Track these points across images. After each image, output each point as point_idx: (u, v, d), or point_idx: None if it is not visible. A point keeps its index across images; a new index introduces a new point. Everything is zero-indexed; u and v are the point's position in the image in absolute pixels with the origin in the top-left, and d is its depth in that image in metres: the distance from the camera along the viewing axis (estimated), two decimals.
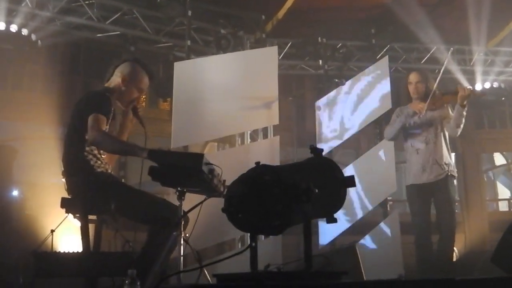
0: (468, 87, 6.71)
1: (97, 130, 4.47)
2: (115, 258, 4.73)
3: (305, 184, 3.09)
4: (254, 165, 3.27)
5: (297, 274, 3.27)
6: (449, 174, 6.58)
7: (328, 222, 3.40)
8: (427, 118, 6.71)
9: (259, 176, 3.14)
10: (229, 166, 4.63)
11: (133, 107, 5.05)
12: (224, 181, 4.53)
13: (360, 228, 9.50)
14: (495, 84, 12.00)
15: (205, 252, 7.86)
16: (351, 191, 8.54)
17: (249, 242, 3.22)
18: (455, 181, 6.79)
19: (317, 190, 3.12)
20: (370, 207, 9.51)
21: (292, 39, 11.09)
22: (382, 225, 9.51)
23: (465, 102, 6.42)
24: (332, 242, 9.36)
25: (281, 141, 8.96)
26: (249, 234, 3.36)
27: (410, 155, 6.83)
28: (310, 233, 3.23)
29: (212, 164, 4.32)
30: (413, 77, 6.90)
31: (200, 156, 4.19)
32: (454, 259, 11.56)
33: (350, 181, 3.38)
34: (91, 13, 9.74)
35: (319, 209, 3.32)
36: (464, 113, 6.48)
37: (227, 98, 8.57)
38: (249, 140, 9.88)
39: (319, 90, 10.93)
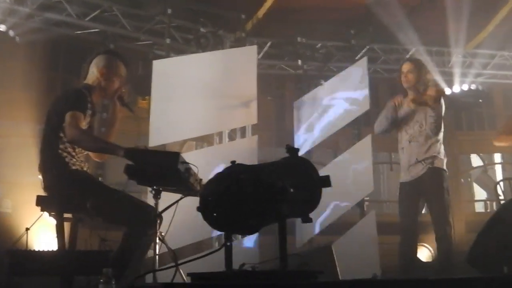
0: (440, 88, 6.61)
1: (75, 127, 4.44)
2: (90, 256, 4.71)
3: (280, 183, 3.10)
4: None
5: (271, 273, 3.27)
6: (432, 166, 6.32)
7: (303, 221, 3.40)
8: (410, 113, 6.51)
9: (234, 175, 3.15)
10: (206, 165, 4.64)
11: (118, 97, 5.03)
12: (201, 180, 4.53)
13: (337, 228, 9.51)
14: (473, 86, 12.07)
15: (183, 251, 7.82)
16: (328, 191, 8.55)
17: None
18: (445, 173, 6.44)
19: (292, 190, 3.13)
20: (347, 207, 9.53)
21: (272, 38, 11.09)
22: (359, 225, 9.53)
23: (432, 102, 6.34)
24: (310, 242, 9.37)
25: (259, 140, 8.96)
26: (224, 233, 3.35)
27: (400, 153, 6.69)
28: (285, 233, 3.23)
29: (188, 163, 4.32)
30: (404, 67, 6.63)
31: (176, 154, 4.18)
32: (431, 260, 11.67)
33: (326, 181, 3.39)
34: (71, 10, 9.68)
35: (294, 209, 3.32)
36: (432, 113, 6.35)
37: (205, 97, 8.56)
38: (227, 139, 9.86)
39: (298, 90, 10.97)
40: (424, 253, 12.18)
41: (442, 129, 6.52)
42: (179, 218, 4.44)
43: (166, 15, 9.87)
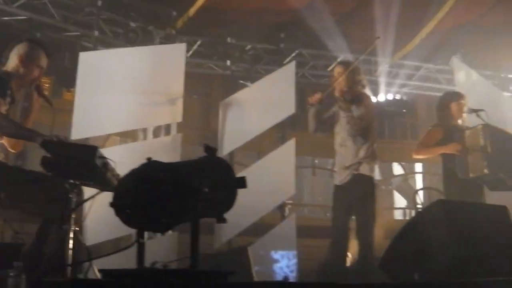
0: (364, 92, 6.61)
1: None
2: (1, 249, 4.60)
3: (195, 182, 3.10)
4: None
5: (182, 272, 3.26)
6: (357, 173, 6.30)
7: (218, 222, 3.40)
8: (341, 116, 6.50)
9: (149, 172, 3.13)
10: (129, 161, 4.57)
11: (36, 87, 4.97)
12: (118, 175, 4.48)
13: (257, 229, 9.55)
14: (398, 96, 12.28)
15: (103, 246, 7.74)
16: (250, 192, 8.56)
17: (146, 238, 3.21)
18: (370, 180, 6.36)
19: (207, 189, 3.13)
20: (267, 209, 9.57)
21: (202, 37, 11.03)
22: (279, 227, 9.58)
23: (342, 104, 6.37)
24: (229, 242, 9.37)
25: (184, 139, 8.94)
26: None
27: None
28: (198, 232, 3.23)
29: (106, 157, 4.27)
30: (334, 71, 6.69)
31: (93, 148, 4.14)
32: (349, 264, 11.82)
33: (241, 182, 3.39)
34: None
35: (209, 209, 3.32)
36: (358, 115, 6.26)
37: (131, 92, 8.50)
38: (151, 136, 9.77)
39: (225, 90, 10.95)
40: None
41: (373, 134, 6.55)
42: (98, 213, 4.39)
43: (95, 6, 9.70)
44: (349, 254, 10.15)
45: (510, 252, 4.78)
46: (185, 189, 3.05)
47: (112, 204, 3.17)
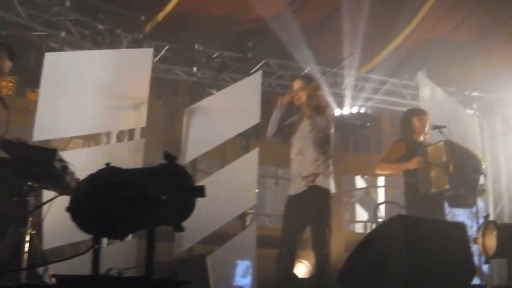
0: (327, 104, 6.61)
1: None
2: None
3: (153, 189, 3.07)
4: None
5: (136, 280, 3.24)
6: (313, 185, 6.27)
7: (175, 230, 3.38)
8: (301, 125, 6.51)
9: (106, 178, 3.10)
10: (90, 165, 4.53)
11: None
12: (78, 179, 4.44)
13: (218, 238, 9.53)
14: (362, 110, 12.35)
15: (63, 250, 7.67)
16: (211, 200, 8.51)
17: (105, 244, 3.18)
18: (326, 192, 6.36)
19: (165, 197, 3.11)
20: (229, 218, 9.56)
21: (170, 43, 10.99)
22: (239, 237, 9.56)
23: (307, 110, 6.36)
24: (189, 250, 9.33)
25: (147, 144, 8.89)
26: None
27: (291, 164, 6.63)
28: (154, 240, 3.21)
29: (65, 161, 4.23)
30: (294, 85, 6.65)
31: (53, 151, 4.10)
32: (308, 276, 11.84)
33: (200, 191, 3.37)
34: None
35: (166, 217, 3.30)
36: (318, 127, 6.32)
37: (96, 95, 8.45)
38: (115, 140, 9.70)
39: (191, 97, 10.94)
40: (302, 269, 12.36)
41: (331, 147, 6.54)
42: (57, 217, 4.34)
43: (64, 6, 9.61)
44: (308, 265, 10.17)
45: (465, 269, 4.85)
46: (142, 196, 3.03)
47: (68, 209, 3.14)
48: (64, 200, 4.03)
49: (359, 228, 18.76)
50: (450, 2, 10.60)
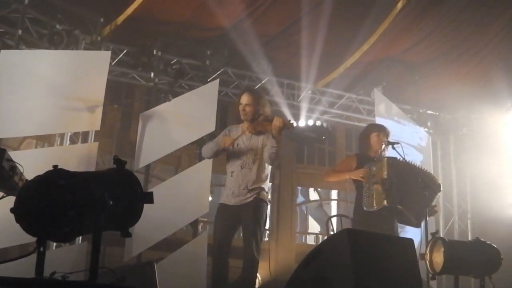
0: (288, 120, 6.60)
1: None
2: None
3: (100, 193, 3.05)
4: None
5: (79, 285, 3.20)
6: (258, 197, 6.28)
7: (122, 235, 3.36)
8: (249, 142, 6.44)
9: (53, 180, 3.06)
10: (41, 166, 4.47)
11: None
12: (27, 180, 4.39)
13: (169, 244, 9.49)
14: (318, 123, 12.41)
15: (11, 252, 7.56)
16: (163, 207, 8.47)
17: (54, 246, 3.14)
18: (267, 207, 6.47)
19: (112, 202, 3.08)
20: (181, 225, 9.53)
21: (128, 47, 10.92)
22: (190, 244, 9.52)
23: (277, 133, 6.22)
24: (139, 256, 9.26)
25: (100, 148, 8.83)
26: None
27: (226, 177, 6.59)
28: (99, 244, 3.17)
29: (14, 161, 4.17)
30: (243, 99, 6.55)
31: (1, 151, 4.03)
32: (257, 286, 11.83)
33: (148, 197, 3.36)
34: None
35: (113, 221, 3.28)
36: (276, 144, 6.22)
37: (51, 95, 8.38)
38: (68, 142, 9.59)
39: (147, 102, 10.87)
40: None
41: (273, 160, 6.43)
42: (5, 218, 4.27)
43: (22, 4, 9.48)
44: (258, 276, 10.17)
45: (411, 284, 4.88)
46: (89, 199, 3.00)
47: (12, 210, 3.09)
48: (11, 201, 4.00)
49: (311, 240, 18.85)
50: (408, 22, 10.76)
